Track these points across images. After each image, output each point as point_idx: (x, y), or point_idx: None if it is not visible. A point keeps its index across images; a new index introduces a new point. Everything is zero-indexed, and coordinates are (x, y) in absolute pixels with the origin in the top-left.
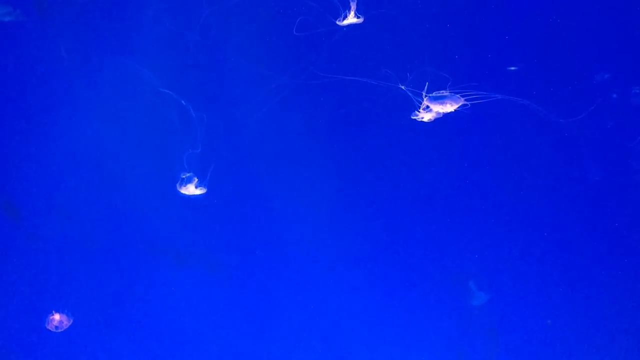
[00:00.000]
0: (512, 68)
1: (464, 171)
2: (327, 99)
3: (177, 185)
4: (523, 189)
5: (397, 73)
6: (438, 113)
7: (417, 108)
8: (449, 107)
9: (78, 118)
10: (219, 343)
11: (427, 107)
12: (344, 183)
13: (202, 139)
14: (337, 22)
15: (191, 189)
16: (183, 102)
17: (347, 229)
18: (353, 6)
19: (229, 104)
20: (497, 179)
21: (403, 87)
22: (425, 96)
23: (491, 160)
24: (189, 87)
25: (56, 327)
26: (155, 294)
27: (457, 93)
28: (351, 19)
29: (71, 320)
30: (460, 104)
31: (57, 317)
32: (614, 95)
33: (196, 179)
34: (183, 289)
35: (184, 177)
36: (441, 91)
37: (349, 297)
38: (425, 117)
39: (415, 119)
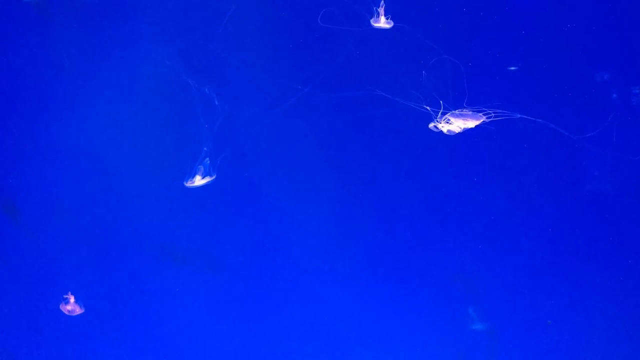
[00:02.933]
0: (512, 68)
1: (471, 183)
2: (341, 104)
3: (185, 181)
4: (525, 193)
5: (416, 88)
6: (458, 127)
7: (434, 119)
8: (470, 124)
9: (78, 117)
10: (219, 342)
11: (448, 120)
12: (349, 188)
13: (214, 132)
14: (372, 22)
15: (197, 180)
16: (206, 90)
17: (351, 233)
18: (381, 10)
19: (238, 101)
20: (500, 188)
21: (428, 108)
22: (446, 112)
23: (495, 169)
24: (209, 80)
25: (69, 311)
26: (156, 293)
27: (478, 111)
28: (382, 21)
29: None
30: (481, 120)
31: (72, 300)
32: (614, 95)
33: (202, 168)
34: (184, 288)
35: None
36: (464, 109)
37: (350, 299)
38: (444, 128)
39: (432, 130)
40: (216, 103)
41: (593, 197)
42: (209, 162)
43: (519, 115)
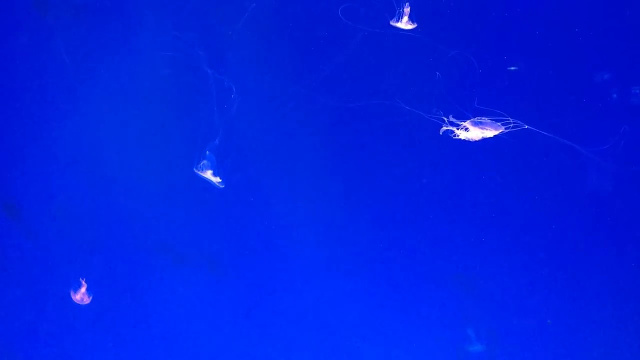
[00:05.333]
0: (512, 68)
1: (476, 187)
2: (347, 108)
3: (196, 168)
4: (528, 198)
5: (430, 91)
6: (477, 136)
7: (447, 124)
8: (489, 133)
9: (79, 117)
10: (219, 341)
11: (466, 128)
12: (350, 190)
13: (222, 132)
14: (391, 22)
15: (208, 175)
16: (225, 79)
17: (353, 234)
18: (407, 10)
19: (247, 99)
20: (503, 193)
21: (446, 119)
22: (462, 119)
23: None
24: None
25: (80, 299)
26: (157, 293)
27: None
28: (404, 21)
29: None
30: (500, 131)
31: (83, 289)
32: (614, 95)
33: (207, 162)
34: (184, 289)
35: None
36: (482, 117)
37: (350, 300)
38: (461, 135)
39: (445, 134)
40: (232, 96)
41: (593, 200)
42: (208, 153)
43: (526, 127)
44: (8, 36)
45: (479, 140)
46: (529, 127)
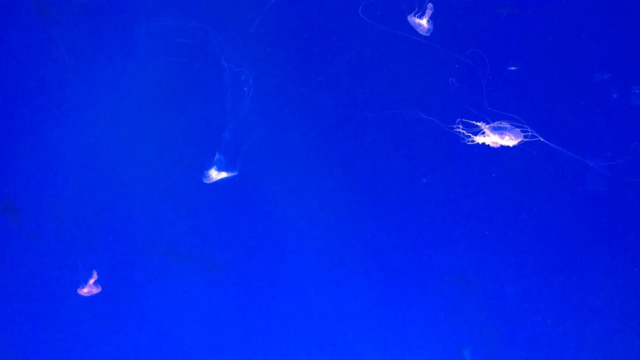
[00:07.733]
0: (512, 68)
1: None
2: (349, 109)
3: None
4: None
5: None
6: (494, 143)
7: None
8: (508, 141)
9: (79, 117)
10: (218, 340)
11: (484, 132)
12: (352, 190)
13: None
14: (408, 18)
15: (214, 175)
16: (244, 71)
17: (352, 234)
18: (428, 11)
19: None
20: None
21: (460, 126)
22: (484, 124)
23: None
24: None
25: (88, 290)
26: (156, 293)
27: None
28: (424, 20)
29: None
30: (519, 139)
31: (91, 282)
32: (614, 95)
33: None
34: (184, 288)
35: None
36: (502, 122)
37: (349, 299)
38: (478, 140)
39: (447, 137)
40: (245, 88)
41: (592, 203)
42: (217, 157)
43: (542, 140)
44: (8, 36)
45: (469, 139)
46: (544, 140)
